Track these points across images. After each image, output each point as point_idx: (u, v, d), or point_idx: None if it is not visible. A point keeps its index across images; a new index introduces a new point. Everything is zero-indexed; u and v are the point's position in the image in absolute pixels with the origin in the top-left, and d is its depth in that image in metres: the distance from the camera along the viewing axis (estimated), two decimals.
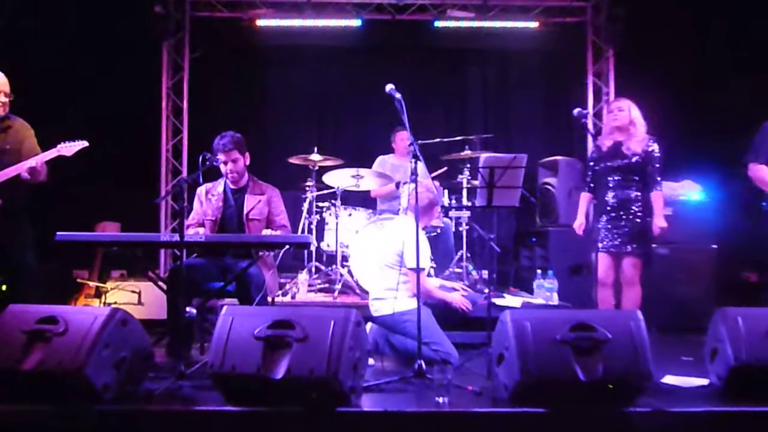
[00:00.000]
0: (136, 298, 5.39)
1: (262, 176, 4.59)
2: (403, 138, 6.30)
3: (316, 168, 5.94)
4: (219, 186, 4.45)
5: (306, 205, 5.89)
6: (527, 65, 7.62)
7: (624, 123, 4.57)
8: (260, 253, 4.03)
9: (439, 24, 7.25)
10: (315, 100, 7.58)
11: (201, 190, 4.43)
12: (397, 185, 5.98)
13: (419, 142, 3.84)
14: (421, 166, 3.84)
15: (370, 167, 6.18)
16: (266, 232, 4.18)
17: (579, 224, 4.66)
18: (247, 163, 4.41)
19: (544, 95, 7.69)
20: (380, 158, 6.41)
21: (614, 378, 2.86)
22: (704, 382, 3.35)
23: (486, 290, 4.56)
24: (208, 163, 3.82)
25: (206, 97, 7.18)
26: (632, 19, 6.65)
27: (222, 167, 4.31)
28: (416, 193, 3.72)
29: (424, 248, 4.03)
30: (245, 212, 4.31)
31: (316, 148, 5.88)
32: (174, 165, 7.29)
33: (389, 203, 6.28)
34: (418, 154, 3.64)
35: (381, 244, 4.44)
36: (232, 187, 4.42)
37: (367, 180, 5.88)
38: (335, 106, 7.61)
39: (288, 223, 4.40)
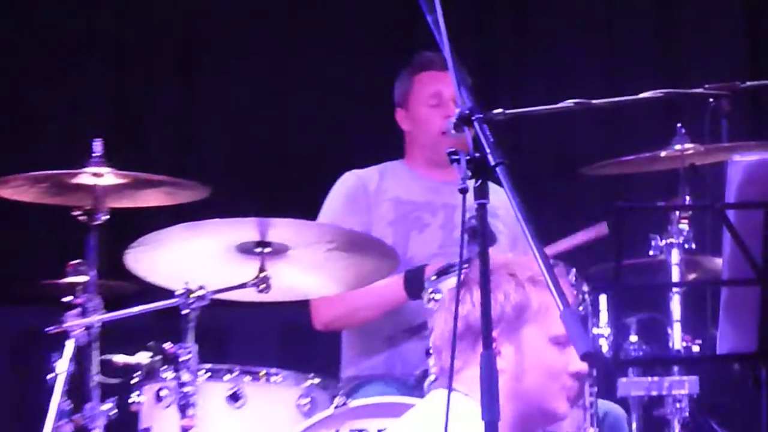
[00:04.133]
0: None
1: None
2: (439, 93, 4.36)
3: (99, 220, 4.38)
4: None
5: (62, 365, 4.43)
6: None
7: None
8: None
9: None
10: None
11: None
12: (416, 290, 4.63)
13: (502, 112, 2.54)
14: (498, 202, 2.52)
15: (310, 215, 4.26)
16: None
17: None
18: None
19: None
20: (351, 176, 4.62)
21: None
22: None
23: None
24: None
25: None
26: None
27: None
28: (487, 309, 2.20)
29: None
30: None
31: (98, 146, 4.21)
32: None
33: (392, 349, 4.66)
34: (488, 153, 2.11)
35: None
36: None
37: (297, 264, 4.09)
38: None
39: None
